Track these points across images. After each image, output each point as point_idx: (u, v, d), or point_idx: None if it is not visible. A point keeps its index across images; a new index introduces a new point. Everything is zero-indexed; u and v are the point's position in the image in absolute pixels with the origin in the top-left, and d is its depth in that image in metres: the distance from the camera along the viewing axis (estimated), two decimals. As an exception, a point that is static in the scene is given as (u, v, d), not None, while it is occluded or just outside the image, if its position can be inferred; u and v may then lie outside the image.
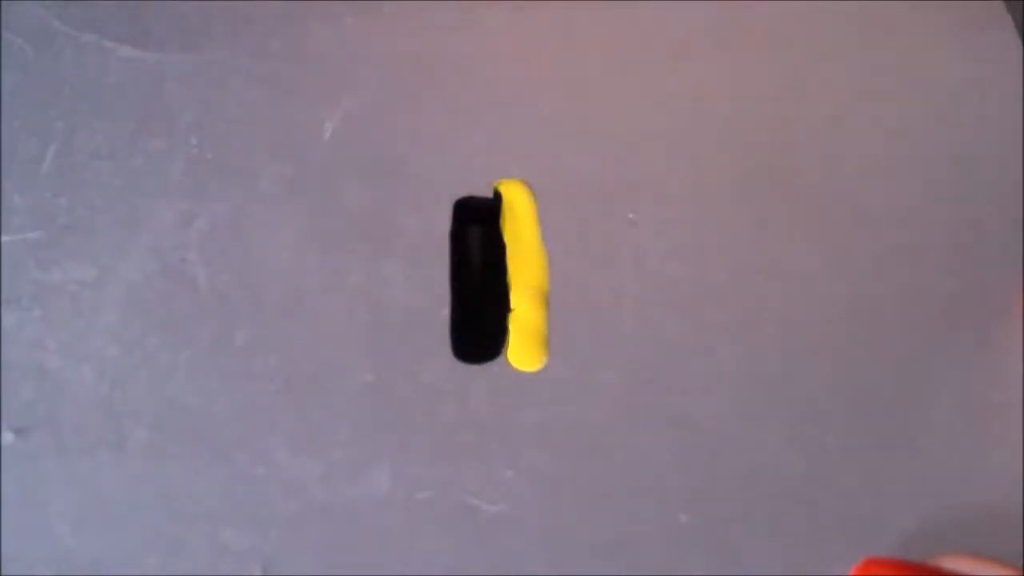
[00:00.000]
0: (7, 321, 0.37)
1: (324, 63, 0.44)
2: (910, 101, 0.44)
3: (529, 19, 0.45)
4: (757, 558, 0.36)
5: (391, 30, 0.44)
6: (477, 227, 0.41)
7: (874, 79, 0.44)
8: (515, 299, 0.39)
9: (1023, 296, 0.40)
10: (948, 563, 0.34)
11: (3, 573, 0.34)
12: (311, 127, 0.42)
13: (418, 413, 0.37)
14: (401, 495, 0.36)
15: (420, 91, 0.43)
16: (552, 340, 0.39)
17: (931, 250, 0.41)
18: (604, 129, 0.41)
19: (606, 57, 0.43)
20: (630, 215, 0.41)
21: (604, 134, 0.41)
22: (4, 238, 0.39)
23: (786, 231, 0.41)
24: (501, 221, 0.41)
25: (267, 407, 0.37)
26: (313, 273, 0.39)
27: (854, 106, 0.44)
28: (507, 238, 0.41)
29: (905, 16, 0.45)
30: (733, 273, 0.40)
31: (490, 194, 0.41)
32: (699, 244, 0.41)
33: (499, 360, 0.39)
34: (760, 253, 0.41)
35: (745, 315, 0.40)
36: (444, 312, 0.39)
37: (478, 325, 0.39)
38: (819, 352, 0.39)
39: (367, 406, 0.37)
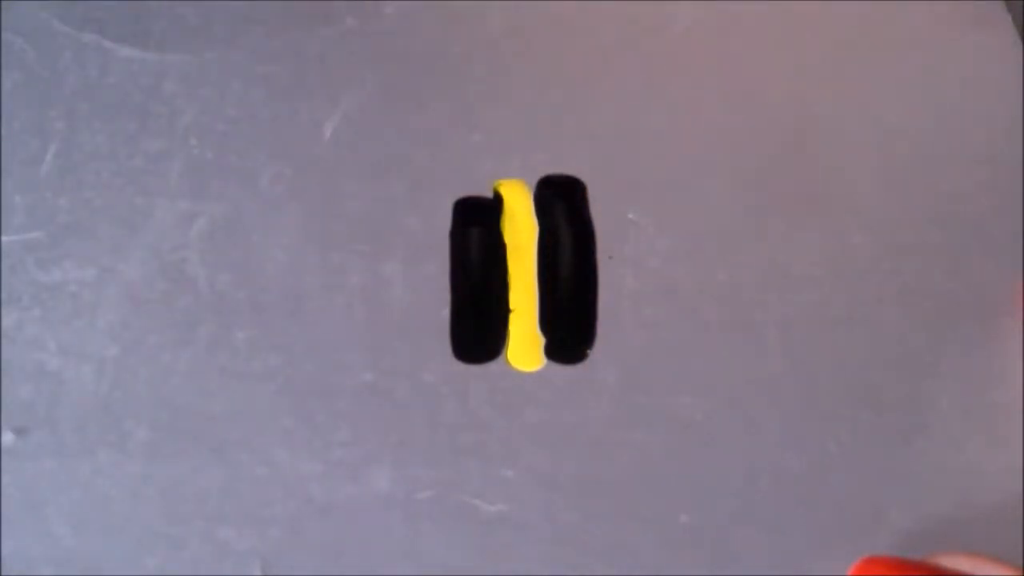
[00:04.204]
0: (7, 321, 0.38)
1: (324, 63, 0.44)
2: (910, 101, 0.44)
3: (529, 18, 0.45)
4: (757, 558, 0.36)
5: (391, 30, 0.44)
6: (477, 227, 0.41)
7: (873, 79, 0.44)
8: (515, 299, 0.40)
9: (1023, 296, 0.40)
10: (947, 562, 0.34)
11: (3, 573, 0.34)
12: (311, 127, 0.42)
13: (418, 413, 0.38)
14: (401, 495, 0.36)
15: (420, 91, 0.43)
16: (552, 340, 0.39)
17: (931, 250, 0.41)
18: (604, 129, 0.41)
19: (606, 56, 0.43)
20: (630, 215, 0.41)
21: (604, 134, 0.41)
22: (4, 238, 0.39)
23: (786, 231, 0.41)
24: (501, 221, 0.41)
25: (267, 407, 0.37)
26: (313, 273, 0.39)
27: (854, 106, 0.44)
28: (507, 238, 0.41)
29: (905, 16, 0.45)
30: (733, 273, 0.40)
31: (490, 194, 0.41)
32: (699, 244, 0.41)
33: (499, 360, 0.39)
34: (760, 253, 0.41)
35: (745, 315, 0.40)
36: (444, 312, 0.39)
37: (478, 325, 0.39)
38: (819, 352, 0.39)
39: (367, 406, 0.37)
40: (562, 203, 0.41)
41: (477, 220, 0.41)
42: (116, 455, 0.36)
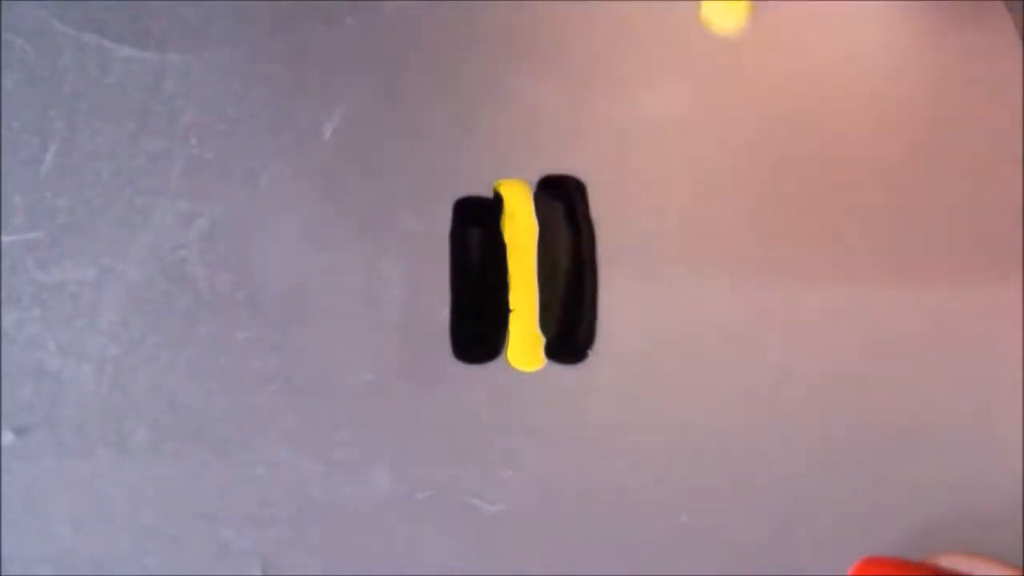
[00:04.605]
0: (7, 321, 0.37)
1: (324, 63, 0.44)
2: (909, 101, 0.44)
3: (529, 19, 0.45)
4: (757, 558, 0.36)
5: (392, 30, 0.44)
6: (477, 227, 0.41)
7: (872, 80, 0.44)
8: (515, 299, 0.40)
9: (1023, 296, 0.40)
10: (947, 562, 0.34)
11: (3, 573, 0.34)
12: (311, 127, 0.42)
13: (418, 413, 0.37)
14: (401, 495, 0.36)
15: (420, 91, 0.43)
16: (552, 340, 0.39)
17: (931, 250, 0.41)
18: (604, 129, 0.41)
19: (606, 56, 0.43)
20: (630, 216, 0.41)
21: (604, 134, 0.41)
22: (4, 238, 0.39)
23: (786, 231, 0.41)
24: (501, 221, 0.41)
25: (267, 407, 0.37)
26: (313, 273, 0.39)
27: (853, 107, 0.44)
28: (507, 238, 0.41)
29: (904, 17, 0.45)
30: (733, 273, 0.40)
31: (490, 194, 0.41)
32: (699, 244, 0.41)
33: (499, 360, 0.39)
34: (761, 253, 0.41)
35: (745, 315, 0.40)
36: (444, 312, 0.39)
37: (478, 325, 0.39)
38: (819, 352, 0.39)
39: (367, 406, 0.37)
40: (562, 203, 0.41)
41: (477, 220, 0.41)
42: (116, 455, 0.36)
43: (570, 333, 0.39)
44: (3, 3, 0.43)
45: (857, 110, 0.43)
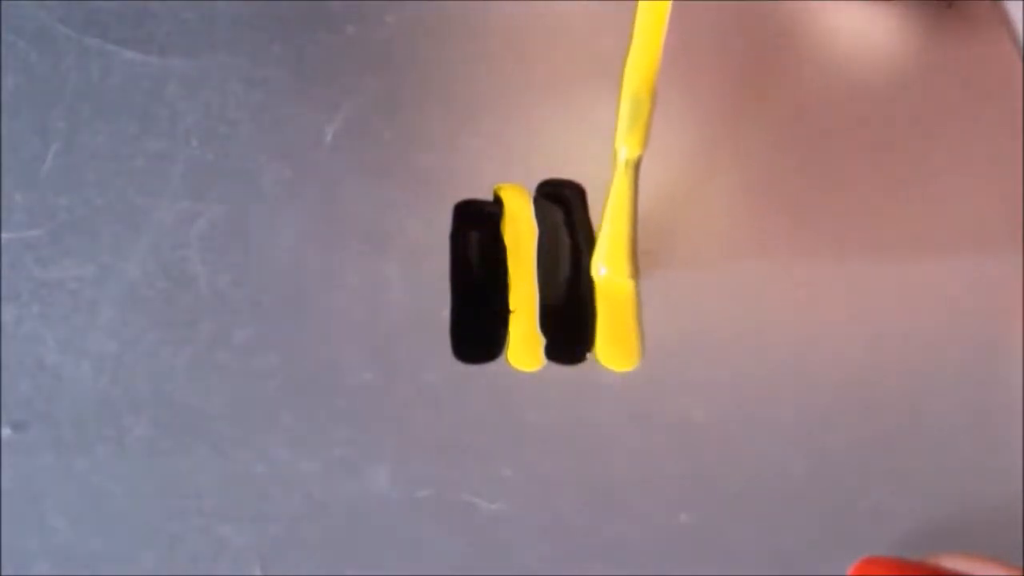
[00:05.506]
0: (6, 317, 0.37)
1: (325, 68, 0.44)
2: (910, 101, 0.44)
3: (530, 26, 0.45)
4: (757, 558, 0.36)
5: (391, 38, 0.45)
6: (477, 229, 0.41)
7: (871, 83, 0.44)
8: (515, 300, 0.40)
9: (1023, 297, 0.40)
10: (947, 562, 0.34)
11: (0, 568, 0.34)
12: (312, 130, 0.42)
13: (418, 413, 0.37)
14: (400, 493, 0.36)
15: (420, 97, 0.43)
16: (552, 341, 0.39)
17: (931, 250, 0.41)
18: (603, 134, 0.42)
19: (606, 62, 0.43)
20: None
21: (603, 139, 0.42)
22: (4, 235, 0.39)
23: (786, 233, 0.41)
24: (501, 224, 0.41)
25: (266, 405, 0.37)
26: (313, 273, 0.39)
27: (852, 110, 0.44)
28: (507, 240, 0.41)
29: (905, 18, 0.45)
30: (734, 274, 0.40)
31: (490, 198, 0.41)
32: (700, 245, 0.41)
33: (499, 360, 0.39)
34: (761, 254, 0.41)
35: (745, 316, 0.40)
36: (444, 312, 0.39)
37: (478, 326, 0.39)
38: (819, 352, 0.40)
39: (367, 406, 0.37)
40: (561, 207, 0.41)
41: (477, 222, 0.41)
42: (114, 451, 0.36)
43: (570, 334, 0.39)
44: (5, 5, 0.44)
45: (857, 111, 0.44)
